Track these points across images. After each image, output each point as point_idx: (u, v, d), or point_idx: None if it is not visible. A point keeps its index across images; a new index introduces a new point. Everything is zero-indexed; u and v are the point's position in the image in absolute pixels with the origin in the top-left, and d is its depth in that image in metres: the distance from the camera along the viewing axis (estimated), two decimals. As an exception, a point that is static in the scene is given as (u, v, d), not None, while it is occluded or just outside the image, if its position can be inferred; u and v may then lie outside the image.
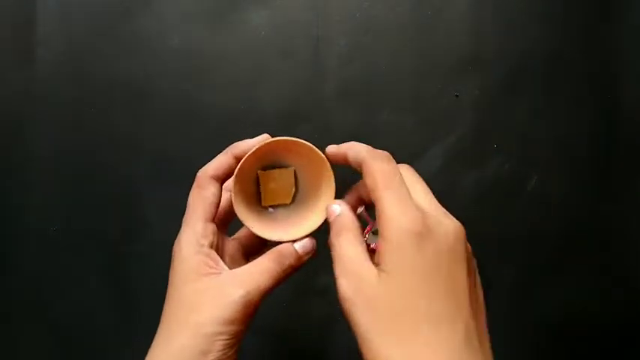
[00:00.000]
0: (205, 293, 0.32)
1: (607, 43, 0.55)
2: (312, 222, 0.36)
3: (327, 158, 0.35)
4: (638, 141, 0.55)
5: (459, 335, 0.26)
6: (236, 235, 0.40)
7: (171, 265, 0.34)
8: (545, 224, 0.54)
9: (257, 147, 0.35)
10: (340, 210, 0.33)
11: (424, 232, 0.26)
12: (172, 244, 0.55)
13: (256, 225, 0.36)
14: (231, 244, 0.38)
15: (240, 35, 0.55)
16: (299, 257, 0.35)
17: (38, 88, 0.54)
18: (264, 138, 0.36)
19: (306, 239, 0.36)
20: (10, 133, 0.54)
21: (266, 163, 0.38)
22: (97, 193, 0.54)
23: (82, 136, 0.54)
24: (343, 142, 0.35)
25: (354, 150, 0.32)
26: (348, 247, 0.30)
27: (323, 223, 0.36)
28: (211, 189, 0.35)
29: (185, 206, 0.54)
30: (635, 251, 0.54)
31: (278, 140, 0.35)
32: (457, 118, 0.55)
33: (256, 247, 0.39)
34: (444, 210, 0.30)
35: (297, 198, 0.40)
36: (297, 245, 0.35)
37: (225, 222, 0.39)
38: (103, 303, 0.53)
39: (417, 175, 0.33)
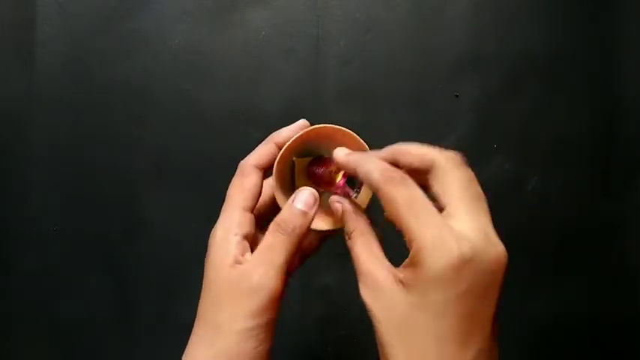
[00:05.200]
0: (231, 287, 0.30)
1: (607, 42, 0.55)
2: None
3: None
4: (638, 141, 0.55)
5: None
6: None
7: (207, 255, 0.32)
8: (545, 224, 0.54)
9: (301, 133, 0.33)
10: (344, 207, 0.31)
11: (459, 266, 0.25)
12: (172, 244, 0.55)
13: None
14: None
15: (240, 35, 0.55)
16: (303, 214, 0.32)
17: (38, 88, 0.54)
18: (303, 124, 0.35)
19: (302, 191, 0.32)
20: (10, 133, 0.54)
21: (302, 150, 0.36)
22: (97, 193, 0.54)
23: (82, 136, 0.54)
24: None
25: (364, 170, 0.29)
26: (364, 255, 0.29)
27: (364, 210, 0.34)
28: (253, 178, 0.33)
29: (186, 206, 0.54)
30: (636, 251, 0.54)
31: (323, 127, 0.34)
32: (457, 118, 0.55)
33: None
34: (489, 230, 0.27)
35: None
36: (297, 203, 0.32)
37: (264, 217, 0.37)
38: (103, 303, 0.53)
39: (464, 174, 0.28)
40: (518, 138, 0.55)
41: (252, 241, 0.34)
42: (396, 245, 0.28)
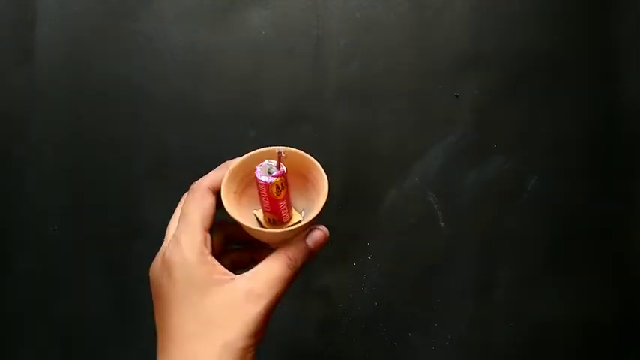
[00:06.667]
0: (227, 308, 0.30)
1: (607, 42, 0.55)
2: (307, 213, 0.36)
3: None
4: (638, 141, 0.55)
5: None
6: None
7: (170, 276, 0.32)
8: (545, 224, 0.54)
9: (248, 155, 0.35)
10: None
11: None
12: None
13: (247, 220, 0.35)
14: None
15: (241, 35, 0.55)
16: (310, 252, 0.33)
17: (38, 88, 0.54)
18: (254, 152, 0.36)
19: (316, 231, 0.34)
20: (10, 133, 0.54)
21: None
22: (97, 193, 0.54)
23: (82, 136, 0.54)
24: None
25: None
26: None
27: (317, 217, 0.34)
28: (209, 199, 0.34)
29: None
30: (635, 251, 0.54)
31: (264, 151, 0.35)
32: (457, 118, 0.55)
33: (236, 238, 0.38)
34: None
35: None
36: (309, 240, 0.33)
37: (229, 238, 0.38)
38: (103, 303, 0.53)
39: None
40: (518, 138, 0.55)
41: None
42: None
